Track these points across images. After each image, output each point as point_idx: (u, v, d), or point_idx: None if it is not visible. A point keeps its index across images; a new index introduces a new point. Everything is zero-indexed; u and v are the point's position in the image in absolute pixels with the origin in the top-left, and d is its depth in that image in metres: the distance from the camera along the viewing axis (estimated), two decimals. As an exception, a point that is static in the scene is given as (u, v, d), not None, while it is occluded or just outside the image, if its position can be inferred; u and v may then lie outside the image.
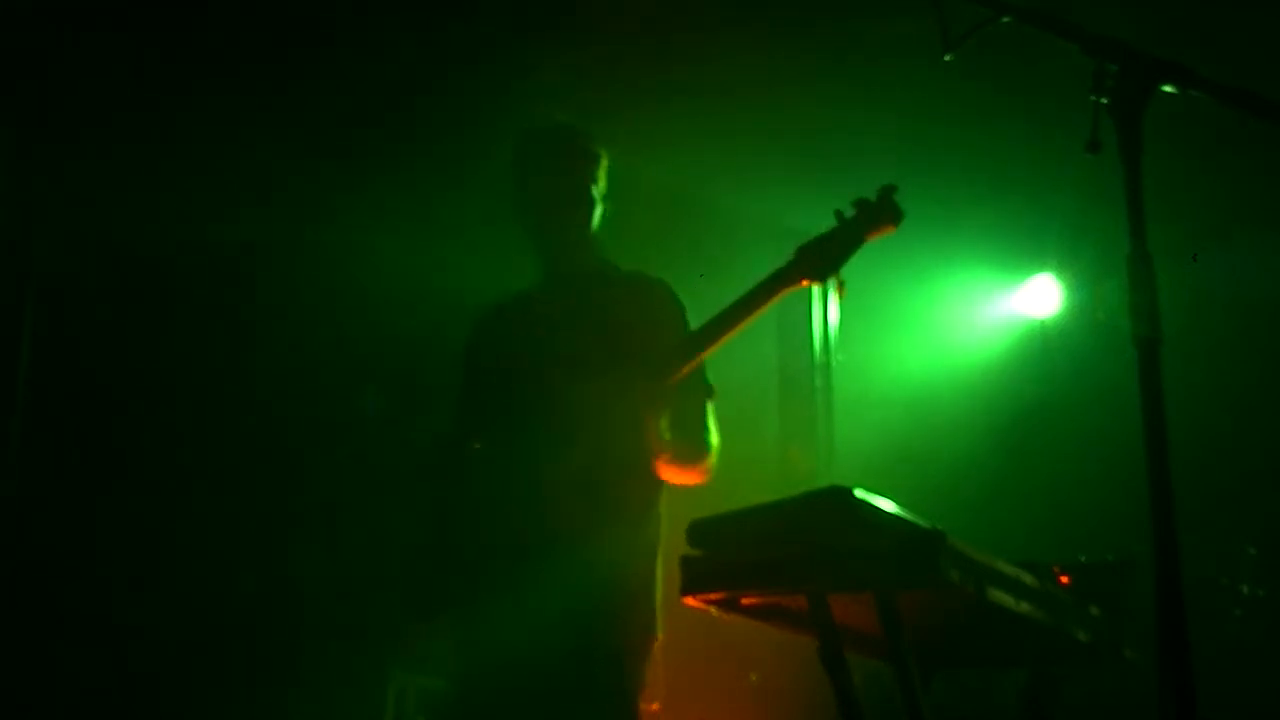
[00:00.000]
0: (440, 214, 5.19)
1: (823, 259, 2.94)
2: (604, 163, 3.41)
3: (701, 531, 2.23)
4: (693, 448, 3.14)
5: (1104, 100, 1.88)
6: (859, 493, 2.09)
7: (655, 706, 3.20)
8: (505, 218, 3.41)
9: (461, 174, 5.23)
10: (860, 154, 5.63)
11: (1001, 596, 2.24)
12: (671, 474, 3.16)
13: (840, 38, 5.40)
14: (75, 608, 4.47)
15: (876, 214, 2.93)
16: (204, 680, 4.58)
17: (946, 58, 2.10)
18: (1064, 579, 3.01)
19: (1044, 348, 7.06)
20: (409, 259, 5.12)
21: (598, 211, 3.38)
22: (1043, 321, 7.13)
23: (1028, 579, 2.37)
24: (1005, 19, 2.05)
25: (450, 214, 5.17)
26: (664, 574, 2.99)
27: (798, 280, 2.97)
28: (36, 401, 4.53)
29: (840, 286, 2.97)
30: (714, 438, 3.20)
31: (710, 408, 3.22)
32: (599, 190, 3.38)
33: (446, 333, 3.57)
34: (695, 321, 3.19)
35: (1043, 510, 6.20)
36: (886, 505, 2.12)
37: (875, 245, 2.97)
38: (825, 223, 2.99)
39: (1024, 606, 2.33)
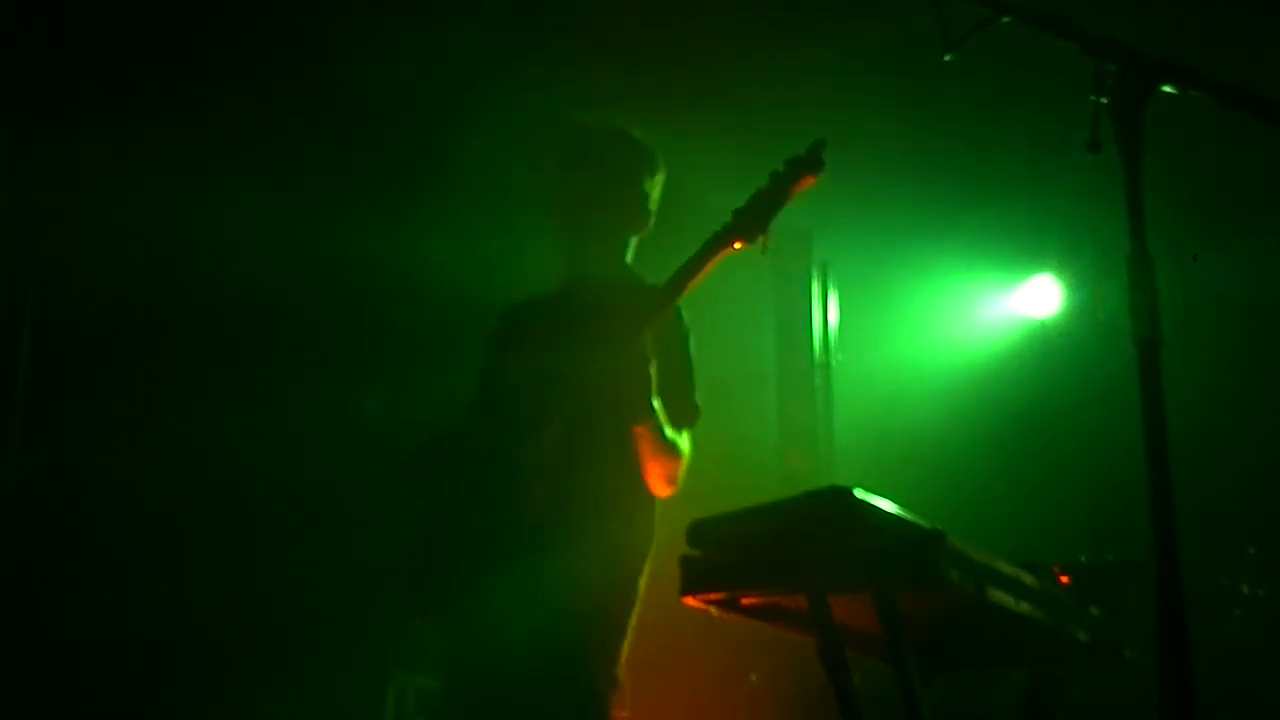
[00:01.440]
0: (441, 213, 5.19)
1: (752, 219, 2.94)
2: (660, 176, 3.39)
3: (701, 531, 2.23)
4: (666, 443, 3.09)
5: (1104, 100, 1.89)
6: (859, 493, 2.09)
7: (624, 714, 3.19)
8: (500, 213, 3.36)
9: (458, 174, 5.24)
10: (860, 155, 5.62)
11: (1001, 596, 2.24)
12: (648, 464, 3.12)
13: (840, 39, 5.41)
14: (75, 608, 4.47)
15: (800, 168, 2.93)
16: (204, 680, 4.58)
17: (946, 58, 2.10)
18: (1064, 579, 3.01)
19: (1044, 348, 7.06)
20: (409, 259, 5.11)
21: (641, 221, 3.36)
22: (1043, 321, 7.13)
23: (1028, 579, 2.37)
24: (1005, 19, 2.05)
25: (451, 214, 5.17)
26: (663, 574, 2.98)
27: (731, 244, 2.95)
28: (36, 401, 4.52)
29: (765, 242, 2.94)
30: (685, 446, 3.16)
31: (686, 432, 3.17)
32: (650, 202, 3.36)
33: (447, 333, 3.57)
34: (694, 344, 3.21)
35: (1043, 510, 6.20)
36: (886, 505, 2.12)
37: (876, 245, 2.98)
38: (826, 223, 2.98)
39: (1024, 606, 2.33)
